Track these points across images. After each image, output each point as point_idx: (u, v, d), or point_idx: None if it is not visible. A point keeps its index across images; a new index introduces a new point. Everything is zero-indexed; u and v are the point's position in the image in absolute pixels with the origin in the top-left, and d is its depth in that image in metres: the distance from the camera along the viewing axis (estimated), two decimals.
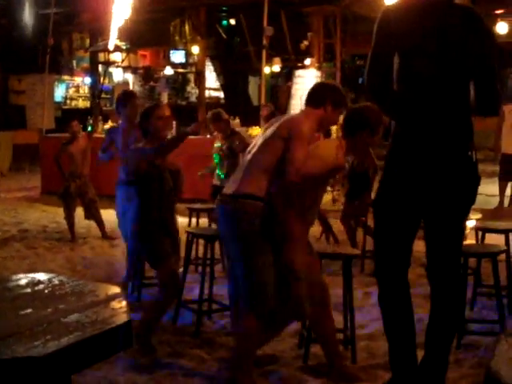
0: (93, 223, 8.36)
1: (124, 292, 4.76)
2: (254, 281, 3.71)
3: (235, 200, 3.76)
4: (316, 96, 3.88)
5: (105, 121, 13.02)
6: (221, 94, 20.82)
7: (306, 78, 12.68)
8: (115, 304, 2.34)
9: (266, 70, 13.14)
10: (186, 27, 15.62)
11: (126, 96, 6.03)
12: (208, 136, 9.28)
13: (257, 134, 8.64)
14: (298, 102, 12.01)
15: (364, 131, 3.78)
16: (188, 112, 17.04)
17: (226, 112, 7.52)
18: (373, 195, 7.20)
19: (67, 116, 17.72)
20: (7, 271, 6.66)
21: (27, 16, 18.16)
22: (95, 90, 14.67)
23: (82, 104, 19.95)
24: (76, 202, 8.25)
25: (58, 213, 9.47)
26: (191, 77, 20.75)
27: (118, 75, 20.03)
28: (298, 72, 13.34)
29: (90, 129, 11.73)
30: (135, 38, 15.79)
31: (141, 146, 4.53)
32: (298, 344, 4.51)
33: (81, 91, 20.18)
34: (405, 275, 3.43)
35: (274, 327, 3.90)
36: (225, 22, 18.12)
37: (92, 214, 8.18)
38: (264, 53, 10.33)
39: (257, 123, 11.24)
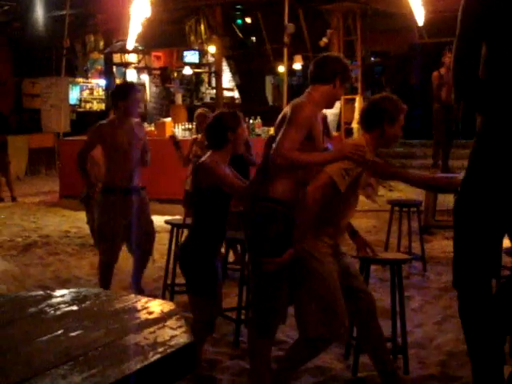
0: None
1: None
2: (260, 294, 3.58)
3: (254, 203, 3.63)
4: (326, 71, 3.61)
5: None
6: (235, 94, 20.59)
7: None
8: (173, 322, 2.11)
9: (282, 68, 12.87)
10: (202, 27, 15.36)
11: (127, 88, 5.45)
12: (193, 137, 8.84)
13: None
14: None
15: (383, 124, 3.49)
16: None
17: (242, 112, 7.24)
18: None
19: (82, 119, 17.59)
20: (31, 279, 6.46)
21: (39, 18, 17.98)
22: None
23: (97, 106, 19.79)
24: None
25: (78, 217, 9.28)
26: (205, 77, 20.52)
27: (132, 77, 19.83)
28: None
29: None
30: (150, 38, 15.56)
31: (211, 158, 3.98)
32: (343, 354, 4.28)
33: (95, 93, 20.01)
34: (489, 286, 3.03)
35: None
36: (239, 21, 17.86)
37: None
38: (285, 51, 10.07)
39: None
